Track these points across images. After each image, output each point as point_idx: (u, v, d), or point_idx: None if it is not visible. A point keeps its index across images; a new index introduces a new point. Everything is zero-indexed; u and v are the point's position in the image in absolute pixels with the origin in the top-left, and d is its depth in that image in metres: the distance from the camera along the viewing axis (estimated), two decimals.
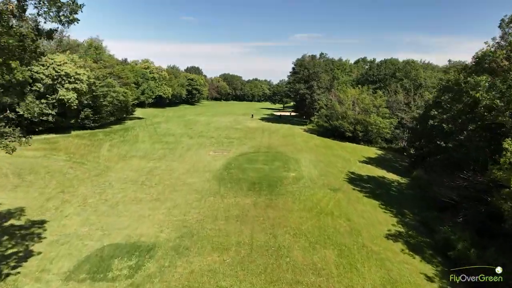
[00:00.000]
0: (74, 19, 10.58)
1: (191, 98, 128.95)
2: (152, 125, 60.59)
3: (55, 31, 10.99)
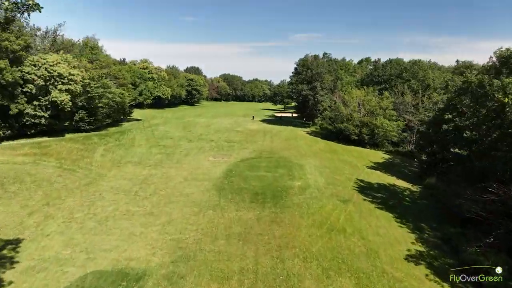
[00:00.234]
0: (34, 4, 8.45)
1: (190, 98, 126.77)
2: (149, 128, 58.46)
3: (11, 20, 8.84)
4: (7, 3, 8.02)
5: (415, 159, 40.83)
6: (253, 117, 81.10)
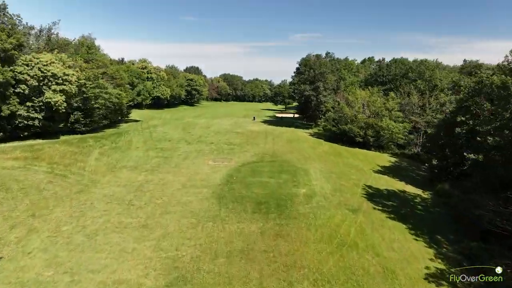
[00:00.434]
0: None
1: (190, 98, 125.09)
2: (148, 129, 56.78)
3: None
4: None
5: (426, 164, 39.05)
6: (254, 118, 79.41)
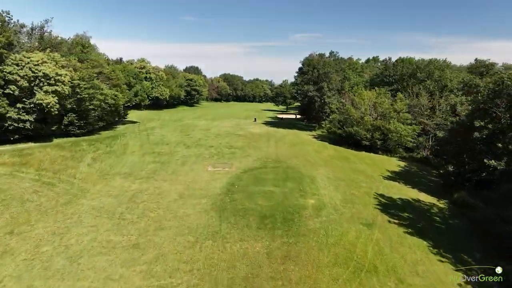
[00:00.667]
0: None
1: (190, 99, 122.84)
2: (145, 131, 54.62)
3: None
4: None
5: (437, 169, 36.91)
6: (255, 119, 77.18)
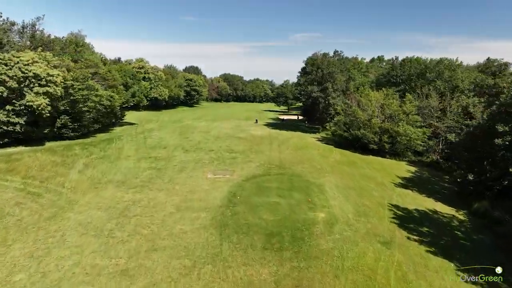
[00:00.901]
0: None
1: (189, 99, 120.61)
2: (142, 134, 52.39)
3: None
4: None
5: (451, 174, 34.72)
6: (256, 120, 75.00)
